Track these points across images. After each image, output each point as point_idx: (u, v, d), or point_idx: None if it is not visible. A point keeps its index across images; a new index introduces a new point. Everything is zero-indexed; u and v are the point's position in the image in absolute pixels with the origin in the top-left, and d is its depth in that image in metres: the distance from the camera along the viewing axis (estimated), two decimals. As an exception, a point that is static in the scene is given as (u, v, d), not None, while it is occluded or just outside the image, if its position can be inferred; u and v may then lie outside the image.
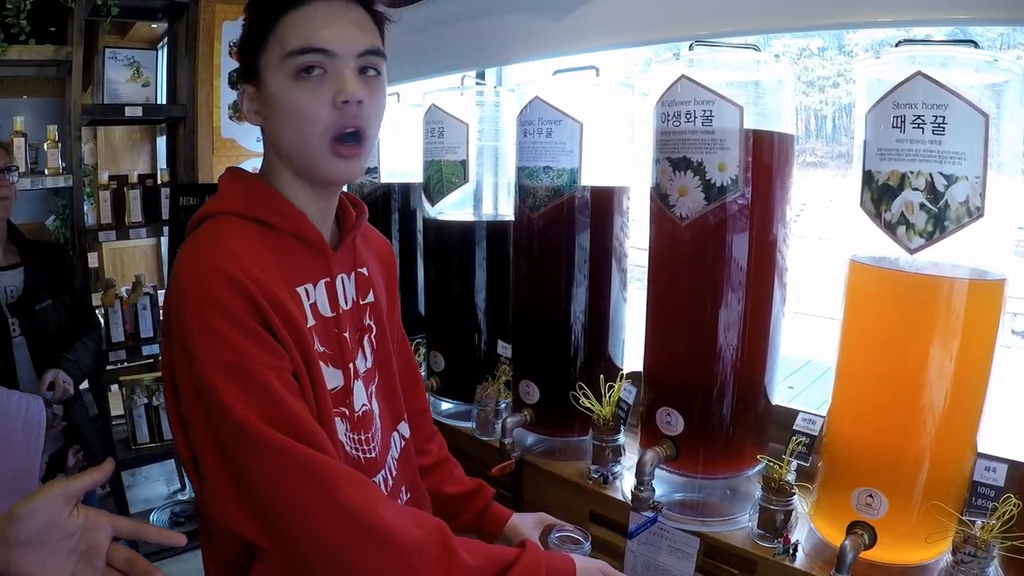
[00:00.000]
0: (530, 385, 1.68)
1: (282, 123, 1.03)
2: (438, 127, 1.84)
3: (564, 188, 1.58)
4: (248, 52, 1.04)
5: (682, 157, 1.30)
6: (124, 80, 2.95)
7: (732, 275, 1.31)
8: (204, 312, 0.93)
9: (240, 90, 1.08)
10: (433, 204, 1.90)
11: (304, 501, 0.93)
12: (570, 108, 1.55)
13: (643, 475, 1.34)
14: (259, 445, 0.92)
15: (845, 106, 7.59)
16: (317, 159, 1.04)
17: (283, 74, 1.01)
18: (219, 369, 0.92)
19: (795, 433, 1.27)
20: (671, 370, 1.40)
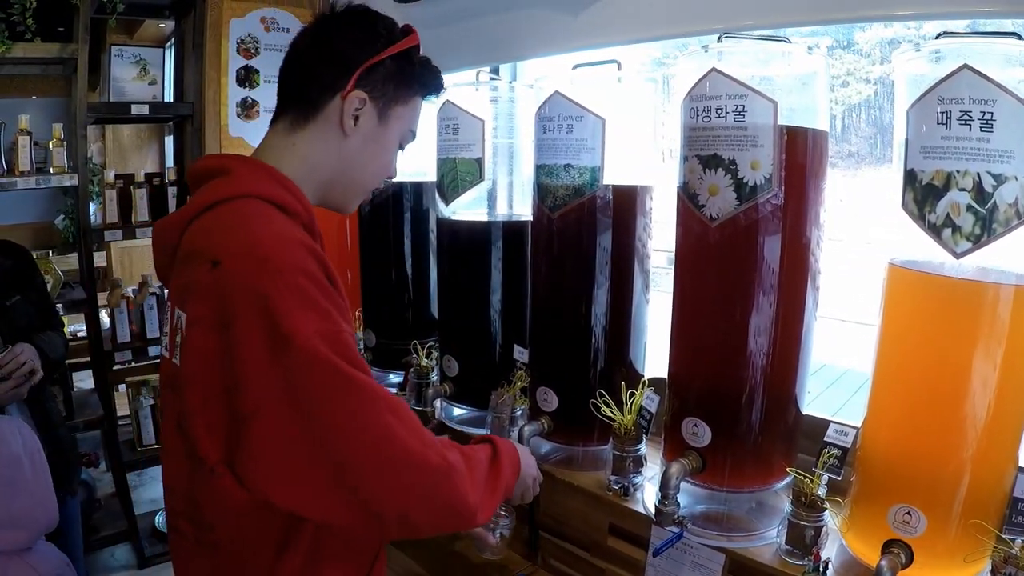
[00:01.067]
0: (548, 392, 1.62)
1: (368, 157, 1.18)
2: (452, 124, 1.78)
3: (585, 187, 1.51)
4: (391, 85, 1.16)
5: (712, 155, 1.24)
6: (131, 78, 2.91)
7: (764, 279, 1.24)
8: (297, 280, 0.95)
9: (351, 92, 1.13)
10: (447, 203, 1.84)
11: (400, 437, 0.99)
12: (591, 103, 1.49)
13: (668, 489, 1.27)
14: (373, 397, 0.97)
15: (855, 105, 7.53)
16: (355, 199, 1.24)
17: (397, 133, 1.20)
18: (320, 337, 0.94)
19: (826, 445, 1.21)
20: (698, 378, 1.34)
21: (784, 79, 1.22)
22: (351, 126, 1.14)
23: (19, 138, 2.56)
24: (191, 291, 1.02)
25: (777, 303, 1.25)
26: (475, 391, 1.85)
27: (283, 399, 0.95)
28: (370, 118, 1.15)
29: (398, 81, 1.17)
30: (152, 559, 3.03)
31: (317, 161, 1.15)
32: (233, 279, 0.97)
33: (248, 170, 1.11)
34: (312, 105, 1.14)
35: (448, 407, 1.93)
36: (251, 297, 0.95)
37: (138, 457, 3.09)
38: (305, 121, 1.15)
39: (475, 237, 1.84)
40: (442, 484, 1.03)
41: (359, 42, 1.14)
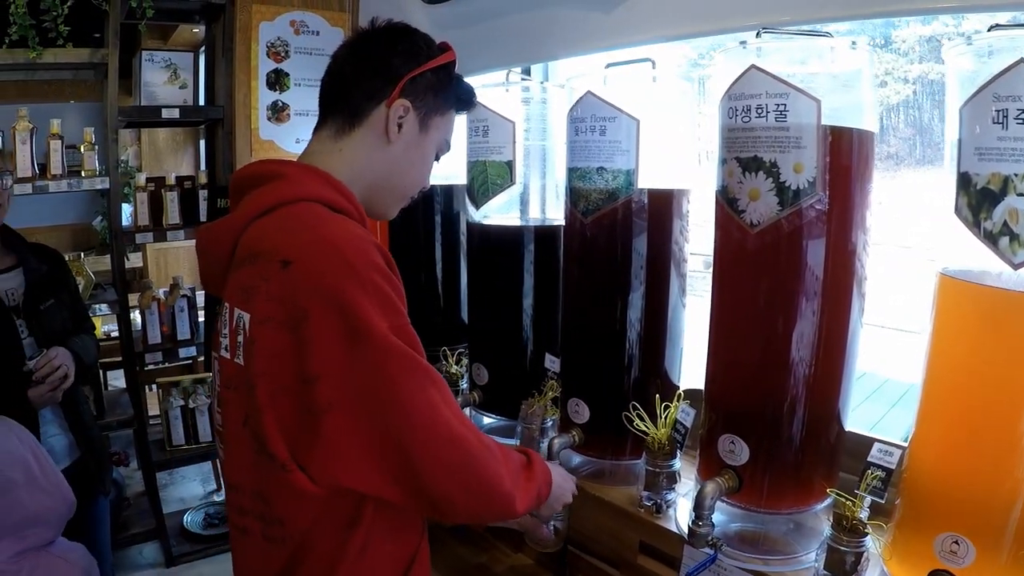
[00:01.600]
0: (579, 404, 1.57)
1: (409, 163, 1.24)
2: (482, 125, 1.74)
3: (620, 191, 1.46)
4: (431, 95, 1.22)
5: (753, 157, 1.17)
6: (161, 82, 2.92)
7: (807, 288, 1.17)
8: (371, 276, 1.00)
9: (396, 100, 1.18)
10: (477, 207, 1.80)
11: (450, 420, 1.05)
12: (625, 104, 1.44)
13: (702, 509, 1.21)
14: (438, 381, 1.05)
15: (893, 106, 7.38)
16: (395, 205, 1.29)
17: (435, 143, 1.26)
18: (396, 331, 1.01)
19: (869, 466, 1.14)
20: (736, 392, 1.28)
21: (827, 76, 1.15)
22: (395, 132, 1.19)
23: (51, 142, 2.58)
24: (257, 291, 1.05)
25: (821, 313, 1.18)
26: (505, 400, 1.81)
27: (360, 391, 1.00)
28: (412, 126, 1.21)
29: (437, 92, 1.23)
30: (179, 558, 3.04)
31: (363, 167, 1.20)
32: (307, 277, 1.01)
33: (304, 174, 1.15)
34: (358, 113, 1.20)
35: (477, 416, 1.88)
36: (327, 294, 0.99)
37: (168, 457, 3.11)
38: (351, 128, 1.20)
39: (506, 242, 1.79)
40: (479, 463, 1.09)
41: (403, 54, 1.20)
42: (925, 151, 7.22)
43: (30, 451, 1.50)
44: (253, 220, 1.12)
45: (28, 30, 2.39)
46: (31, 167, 2.56)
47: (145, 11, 2.54)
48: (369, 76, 1.19)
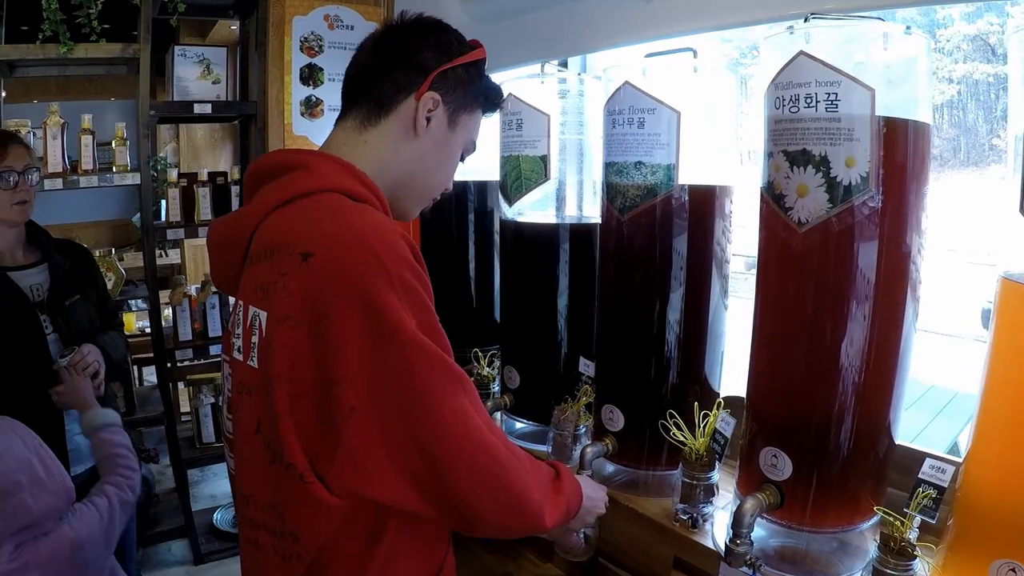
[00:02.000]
0: (614, 411, 1.50)
1: (435, 160, 1.19)
2: (516, 119, 1.68)
3: (659, 187, 1.39)
4: (460, 91, 1.17)
5: (801, 150, 1.10)
6: (194, 78, 2.92)
7: (858, 292, 1.09)
8: (401, 272, 0.96)
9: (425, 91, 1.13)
10: (511, 204, 1.74)
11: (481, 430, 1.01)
12: (665, 95, 1.37)
13: (741, 527, 1.14)
14: (468, 386, 1.01)
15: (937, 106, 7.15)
16: (419, 204, 1.23)
17: (462, 140, 1.21)
18: (424, 328, 0.96)
19: (921, 483, 1.05)
20: (780, 402, 1.20)
21: (880, 64, 1.07)
22: (423, 126, 1.15)
23: (82, 137, 2.59)
24: (275, 287, 1.00)
25: (872, 319, 1.10)
26: (537, 405, 1.75)
27: (385, 394, 0.95)
28: (440, 121, 1.17)
29: (467, 89, 1.19)
30: (208, 555, 3.04)
31: (388, 160, 1.15)
32: (330, 271, 0.96)
33: (325, 164, 1.10)
34: (385, 104, 1.15)
35: (509, 421, 1.82)
36: (353, 290, 0.94)
37: (198, 454, 3.10)
38: (377, 119, 1.15)
39: (539, 240, 1.73)
40: (509, 474, 1.04)
41: (435, 48, 1.16)
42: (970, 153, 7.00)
43: (34, 452, 1.47)
44: (271, 212, 1.06)
45: (59, 26, 2.40)
46: (62, 162, 2.57)
47: (177, 6, 2.53)
48: (399, 68, 1.15)
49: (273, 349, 0.99)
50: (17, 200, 1.91)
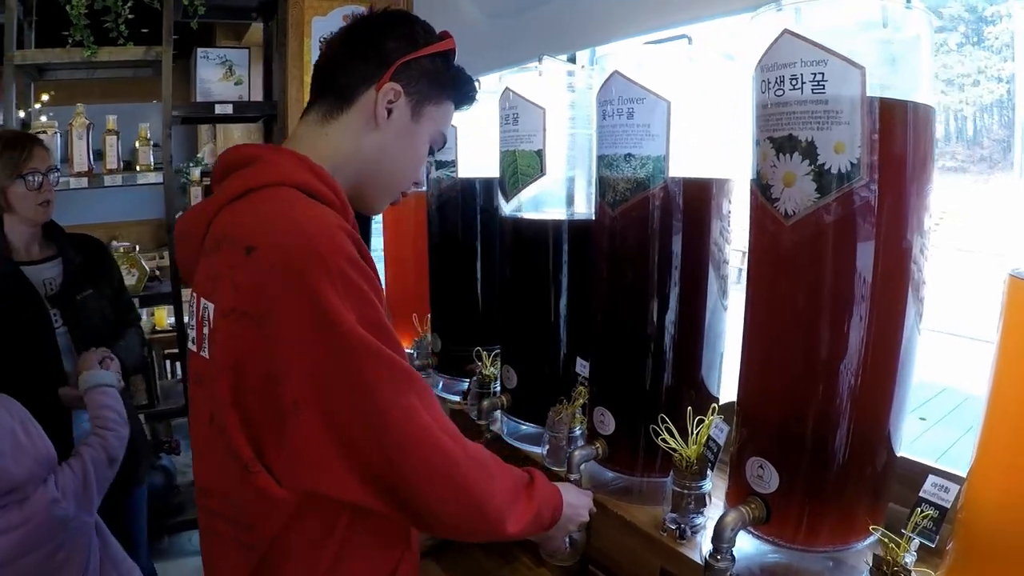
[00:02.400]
0: (605, 413, 1.43)
1: (398, 152, 1.17)
2: (512, 113, 1.63)
3: (648, 180, 1.32)
4: (425, 83, 1.15)
5: (787, 136, 1.01)
6: (216, 79, 2.95)
7: (851, 291, 1.00)
8: (340, 265, 0.94)
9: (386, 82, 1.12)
10: (508, 200, 1.69)
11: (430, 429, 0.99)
12: (657, 85, 1.30)
13: (721, 541, 1.06)
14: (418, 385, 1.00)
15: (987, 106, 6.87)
16: (384, 198, 1.22)
17: (427, 133, 1.19)
18: (364, 323, 0.95)
19: (921, 502, 0.96)
20: (768, 408, 1.11)
21: (877, 42, 0.97)
22: (383, 117, 1.13)
23: (106, 138, 2.66)
24: (221, 280, 1.01)
25: (868, 321, 1.01)
26: (534, 405, 1.68)
27: (327, 388, 0.95)
28: (403, 113, 1.15)
29: (432, 80, 1.17)
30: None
31: (349, 152, 1.14)
32: (271, 265, 0.95)
33: (279, 158, 1.09)
34: (347, 96, 1.14)
35: (508, 421, 1.77)
36: (293, 284, 0.93)
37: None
38: (339, 112, 1.14)
39: (535, 237, 1.67)
40: (465, 475, 1.02)
41: (398, 39, 1.14)
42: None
43: (18, 421, 1.56)
44: (225, 205, 1.06)
45: (84, 31, 2.47)
46: (87, 161, 2.63)
47: (197, 9, 2.57)
48: (361, 59, 1.14)
49: (219, 341, 1.00)
50: (41, 200, 1.99)
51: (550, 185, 1.68)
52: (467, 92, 1.23)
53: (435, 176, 2.01)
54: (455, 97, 1.22)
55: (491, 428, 1.77)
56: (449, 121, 1.23)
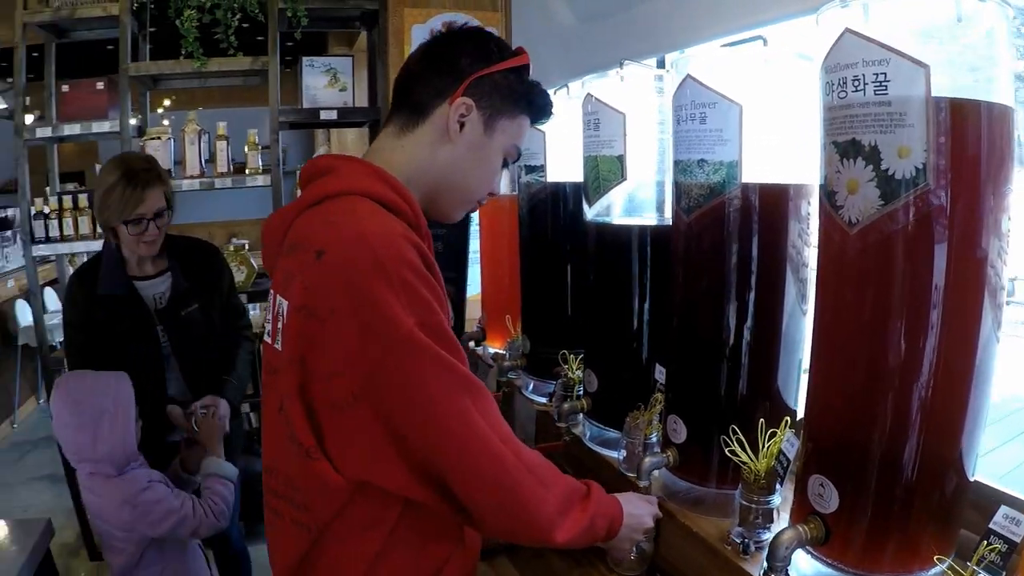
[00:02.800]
0: (677, 421, 1.41)
1: (471, 164, 1.22)
2: (594, 119, 1.63)
3: (722, 185, 1.29)
4: (498, 97, 1.20)
5: (850, 140, 0.97)
6: (322, 86, 3.12)
7: (920, 302, 0.94)
8: (399, 272, 1.00)
9: (459, 97, 1.17)
10: (590, 204, 1.69)
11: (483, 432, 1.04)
12: (730, 88, 1.27)
13: (775, 559, 1.03)
14: (474, 389, 1.05)
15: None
16: (459, 207, 1.28)
17: (501, 145, 1.24)
18: (422, 327, 1.00)
19: (990, 534, 0.89)
20: (830, 424, 1.07)
21: (947, 37, 0.91)
22: (456, 131, 1.18)
23: (217, 143, 2.87)
24: (294, 280, 1.08)
25: (940, 334, 0.95)
26: (614, 410, 1.68)
27: (383, 387, 1.00)
28: (475, 126, 1.20)
29: (505, 95, 1.21)
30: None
31: (424, 164, 1.20)
32: (336, 269, 1.02)
33: (353, 169, 1.16)
34: (422, 110, 1.20)
35: (589, 425, 1.77)
36: (354, 288, 1.00)
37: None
38: (415, 125, 1.20)
39: (615, 242, 1.67)
40: (515, 480, 1.06)
41: (472, 55, 1.20)
42: None
43: (114, 406, 1.81)
44: (304, 211, 1.15)
45: (193, 44, 2.68)
46: (199, 165, 2.86)
47: (300, 20, 2.73)
48: (436, 74, 1.19)
49: (289, 335, 1.08)
50: (147, 240, 2.08)
51: (637, 190, 1.67)
52: (541, 106, 1.27)
53: (525, 180, 2.04)
54: (529, 111, 1.26)
55: (572, 431, 1.78)
56: (524, 135, 1.27)
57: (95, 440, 1.78)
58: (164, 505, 1.86)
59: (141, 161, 2.12)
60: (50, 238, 3.21)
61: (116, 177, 2.01)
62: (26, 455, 5.05)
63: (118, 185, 2.00)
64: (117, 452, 1.81)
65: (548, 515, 1.09)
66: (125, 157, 2.13)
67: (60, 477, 3.75)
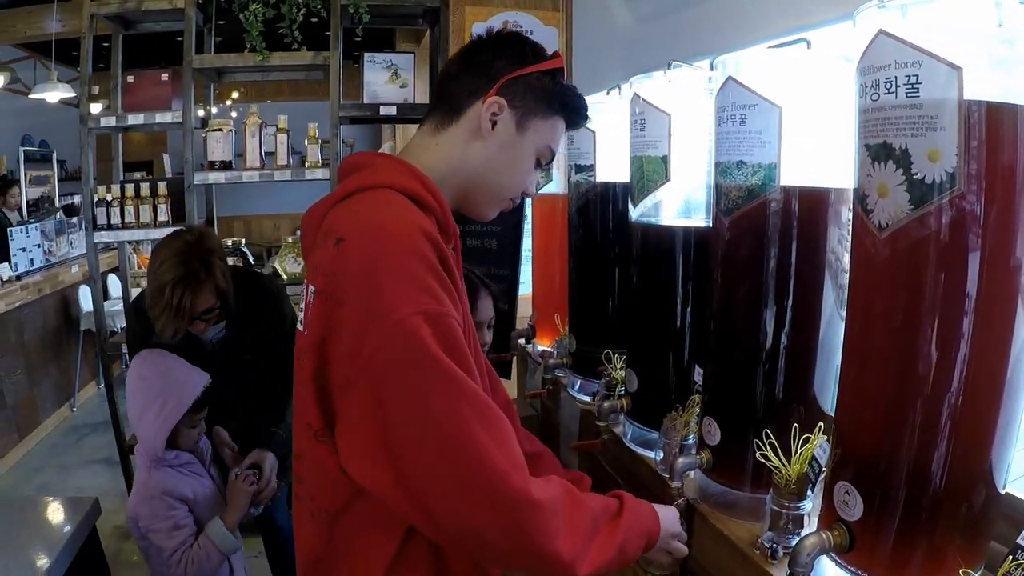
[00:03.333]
0: (712, 423, 1.41)
1: (504, 163, 1.24)
2: (640, 119, 1.64)
3: (761, 188, 1.28)
4: (531, 97, 1.23)
5: (882, 143, 0.96)
6: (382, 82, 3.19)
7: (950, 310, 0.93)
8: (407, 261, 1.02)
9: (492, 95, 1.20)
10: (635, 205, 1.70)
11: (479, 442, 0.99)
12: (771, 90, 1.26)
13: (797, 565, 1.02)
14: (456, 387, 1.00)
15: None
16: (492, 205, 1.29)
17: (533, 146, 1.26)
18: (421, 316, 0.99)
19: (1017, 549, 0.87)
20: (857, 431, 1.05)
21: (984, 38, 0.89)
22: (488, 129, 1.22)
23: (278, 136, 2.97)
24: (320, 266, 1.12)
25: (971, 343, 0.93)
26: (655, 411, 1.68)
27: (370, 375, 1.01)
28: (508, 125, 1.23)
29: (538, 96, 1.24)
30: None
31: (456, 162, 1.24)
32: (351, 256, 1.05)
33: (388, 165, 1.21)
34: (457, 109, 1.24)
35: (630, 425, 1.78)
36: (364, 274, 1.02)
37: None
38: (449, 123, 1.25)
39: (657, 243, 1.66)
40: (521, 517, 1.00)
41: (506, 57, 1.24)
42: None
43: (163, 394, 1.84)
44: (337, 203, 1.18)
45: (256, 38, 2.78)
46: (259, 157, 2.96)
47: (361, 17, 2.81)
48: (472, 75, 1.24)
49: (310, 319, 1.12)
50: (195, 331, 2.11)
51: (692, 193, 1.66)
52: (575, 108, 1.29)
53: (575, 180, 2.05)
54: (563, 113, 1.28)
55: (613, 430, 1.79)
56: (558, 137, 1.29)
57: (141, 420, 1.83)
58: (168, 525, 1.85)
59: (193, 252, 2.02)
60: (112, 225, 3.33)
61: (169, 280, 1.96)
62: (83, 438, 5.22)
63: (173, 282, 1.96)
64: (147, 442, 1.84)
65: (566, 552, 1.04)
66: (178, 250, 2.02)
67: (116, 461, 3.88)
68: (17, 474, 4.64)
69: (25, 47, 8.56)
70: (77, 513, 1.84)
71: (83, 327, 5.77)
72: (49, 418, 5.38)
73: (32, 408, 5.13)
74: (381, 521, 1.08)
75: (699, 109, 1.62)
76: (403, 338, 0.98)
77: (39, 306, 5.24)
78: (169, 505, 1.86)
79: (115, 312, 5.02)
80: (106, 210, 3.32)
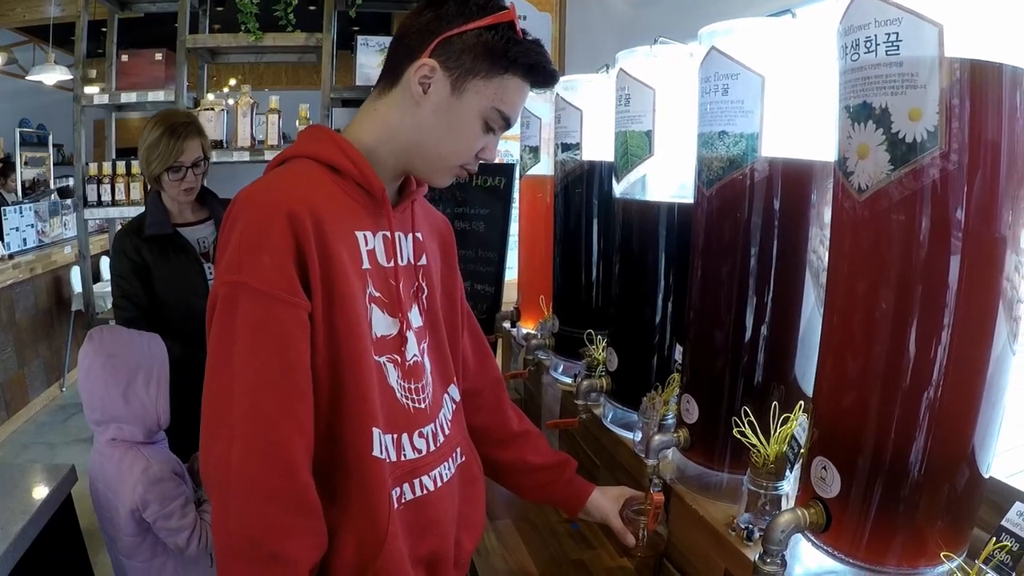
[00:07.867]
0: (690, 401, 1.38)
1: (441, 131, 1.15)
2: (624, 94, 1.60)
3: (741, 159, 1.25)
4: (468, 57, 1.11)
5: (862, 103, 0.92)
6: (375, 65, 3.15)
7: (930, 275, 0.89)
8: (250, 236, 1.02)
9: (423, 58, 1.11)
10: (619, 181, 1.66)
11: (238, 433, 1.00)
12: (755, 60, 1.22)
13: (771, 543, 0.99)
14: (237, 368, 1.00)
15: None
16: (437, 173, 1.20)
17: (476, 109, 1.13)
18: (237, 286, 1.01)
19: (1001, 531, 0.83)
20: (836, 406, 1.02)
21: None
22: (419, 93, 1.13)
23: (268, 116, 2.95)
24: None
25: (954, 314, 0.89)
26: (635, 391, 1.65)
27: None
28: (441, 88, 1.13)
29: (479, 55, 1.12)
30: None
31: (393, 128, 1.17)
32: (224, 224, 1.09)
33: (307, 136, 1.21)
34: (395, 73, 1.17)
35: (611, 406, 1.75)
36: (223, 242, 1.06)
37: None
38: (389, 88, 1.18)
39: (640, 218, 1.63)
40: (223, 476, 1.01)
41: (445, 15, 1.13)
42: None
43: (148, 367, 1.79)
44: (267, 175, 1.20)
45: (249, 18, 2.76)
46: (250, 137, 2.94)
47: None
48: (410, 36, 1.15)
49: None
50: (185, 187, 2.24)
51: (670, 170, 1.62)
52: (529, 65, 1.14)
53: (560, 159, 2.02)
54: (513, 70, 1.13)
55: (592, 411, 1.76)
56: (509, 97, 1.15)
57: (127, 397, 1.74)
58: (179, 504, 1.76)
59: (181, 116, 2.30)
60: (102, 202, 3.36)
61: (159, 132, 2.18)
62: (71, 417, 5.23)
63: (161, 139, 2.18)
64: (149, 414, 1.77)
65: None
66: (166, 113, 2.30)
67: (102, 441, 3.93)
68: (4, 451, 4.66)
69: (24, 31, 8.53)
70: (54, 479, 1.82)
71: (75, 308, 5.75)
72: (38, 397, 5.37)
73: (21, 386, 5.13)
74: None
75: (684, 85, 1.58)
76: (223, 296, 1.03)
77: (31, 285, 5.22)
78: (176, 483, 1.79)
79: (105, 293, 4.97)
80: (97, 187, 3.33)
